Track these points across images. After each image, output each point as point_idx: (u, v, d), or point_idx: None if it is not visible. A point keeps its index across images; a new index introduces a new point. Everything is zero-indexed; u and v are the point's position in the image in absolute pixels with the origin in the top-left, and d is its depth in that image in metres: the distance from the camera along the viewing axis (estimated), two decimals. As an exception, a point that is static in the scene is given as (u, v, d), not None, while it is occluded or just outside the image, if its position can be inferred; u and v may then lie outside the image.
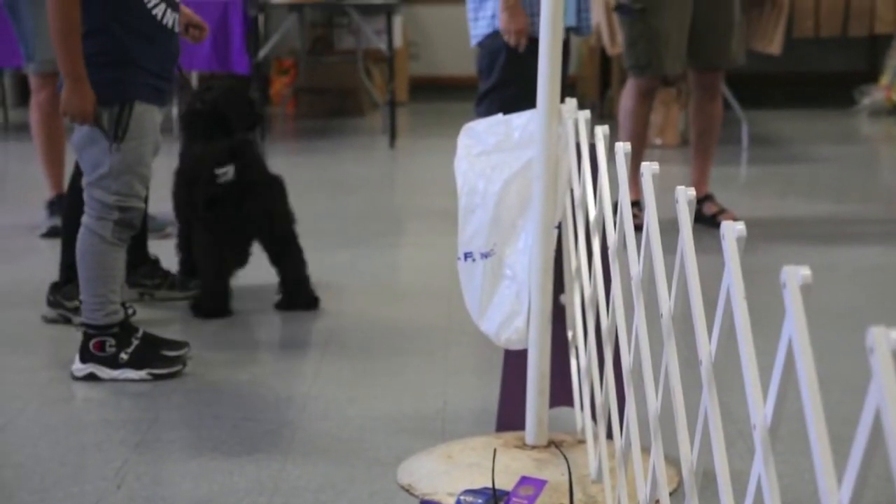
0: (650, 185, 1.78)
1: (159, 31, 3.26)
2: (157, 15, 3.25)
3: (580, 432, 2.62)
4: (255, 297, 4.08)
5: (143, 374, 3.31)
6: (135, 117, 3.22)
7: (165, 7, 3.27)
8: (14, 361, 3.52)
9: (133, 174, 3.25)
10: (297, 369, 3.45)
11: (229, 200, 3.83)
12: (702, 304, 1.49)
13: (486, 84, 4.56)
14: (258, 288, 4.14)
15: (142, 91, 3.24)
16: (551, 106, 2.50)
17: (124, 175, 3.24)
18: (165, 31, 3.28)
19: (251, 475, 2.65)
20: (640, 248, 1.84)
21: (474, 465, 2.53)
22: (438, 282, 4.29)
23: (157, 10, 3.25)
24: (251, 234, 3.95)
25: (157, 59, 3.27)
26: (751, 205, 5.68)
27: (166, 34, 3.28)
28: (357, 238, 5.10)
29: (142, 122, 3.24)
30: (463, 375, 3.37)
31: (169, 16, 3.28)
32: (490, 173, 2.61)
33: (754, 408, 1.25)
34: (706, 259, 1.86)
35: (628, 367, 1.92)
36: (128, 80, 3.21)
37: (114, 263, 3.30)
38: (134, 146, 3.24)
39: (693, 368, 1.63)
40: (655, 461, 1.74)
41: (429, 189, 6.38)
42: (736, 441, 2.72)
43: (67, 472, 2.69)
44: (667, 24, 4.93)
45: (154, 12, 3.25)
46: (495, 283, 2.59)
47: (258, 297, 4.07)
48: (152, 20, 3.24)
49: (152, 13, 3.24)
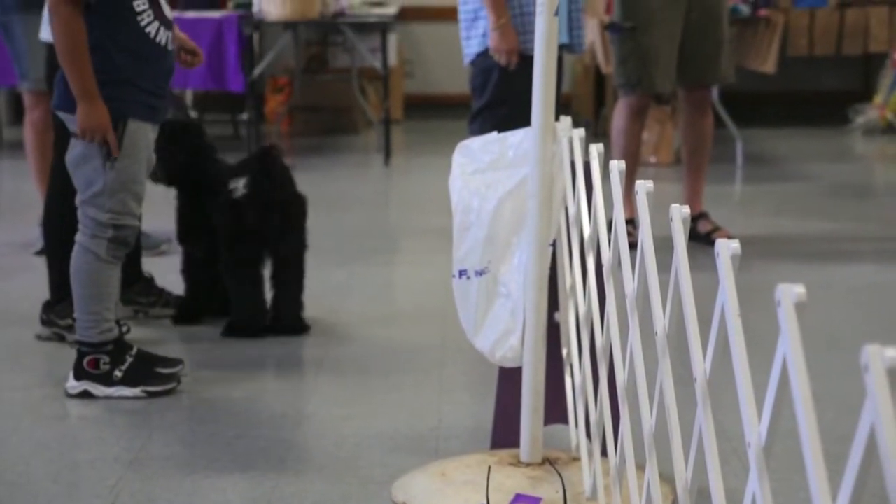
0: (645, 203, 1.78)
1: (152, 49, 3.26)
2: (150, 33, 3.25)
3: (575, 449, 2.62)
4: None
5: (137, 391, 3.31)
6: (128, 135, 3.22)
7: (159, 25, 3.27)
8: (8, 379, 3.52)
9: (127, 192, 3.25)
10: (291, 387, 3.44)
11: (246, 214, 3.82)
12: (696, 322, 1.49)
13: (480, 102, 4.56)
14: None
15: (135, 109, 3.24)
16: (546, 124, 2.50)
17: (119, 193, 3.24)
18: (158, 48, 3.27)
19: (245, 493, 2.65)
20: (634, 265, 1.84)
21: (469, 482, 2.53)
22: (433, 300, 4.29)
23: (150, 28, 3.25)
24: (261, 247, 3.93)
25: (150, 77, 3.27)
26: (745, 223, 5.69)
27: (159, 52, 3.28)
28: (352, 256, 5.10)
29: (135, 139, 3.24)
30: (457, 393, 3.37)
31: (162, 34, 3.28)
32: (485, 191, 2.61)
33: (749, 425, 1.25)
34: (700, 277, 1.86)
35: (623, 384, 1.92)
36: (121, 98, 3.21)
37: (108, 281, 3.30)
38: (127, 164, 3.24)
39: (687, 386, 1.63)
40: (650, 479, 1.74)
41: (423, 207, 6.38)
42: (730, 459, 2.71)
43: (61, 490, 2.68)
44: (657, 42, 4.96)
45: (147, 30, 3.25)
46: (490, 300, 2.59)
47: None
48: (145, 38, 3.24)
49: (145, 31, 3.24)
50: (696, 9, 5.00)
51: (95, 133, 3.17)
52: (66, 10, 3.15)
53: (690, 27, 5.01)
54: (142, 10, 3.23)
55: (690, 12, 5.00)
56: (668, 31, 4.98)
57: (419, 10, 9.18)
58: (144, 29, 3.24)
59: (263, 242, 3.87)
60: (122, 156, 3.22)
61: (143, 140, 3.27)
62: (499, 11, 4.40)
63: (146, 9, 3.24)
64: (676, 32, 4.99)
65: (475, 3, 4.49)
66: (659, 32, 4.96)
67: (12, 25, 4.77)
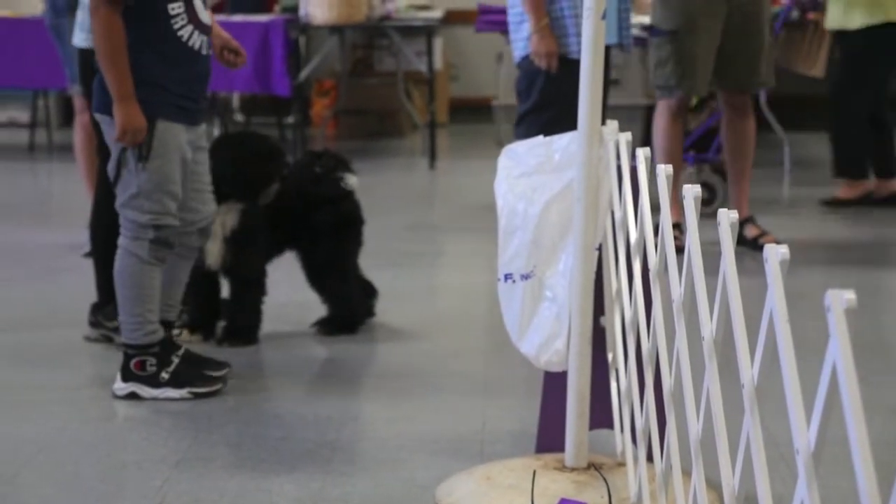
0: (692, 207, 1.77)
1: (185, 52, 3.28)
2: (182, 37, 3.27)
3: (620, 455, 2.61)
4: (289, 318, 4.09)
5: (183, 392, 3.33)
6: (157, 136, 3.25)
7: (193, 29, 3.28)
8: (56, 380, 3.55)
9: (163, 192, 3.28)
10: (336, 390, 3.45)
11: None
12: (744, 327, 1.48)
13: (525, 105, 4.56)
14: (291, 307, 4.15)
15: (164, 110, 3.26)
16: (592, 128, 2.49)
17: (154, 194, 3.26)
18: (192, 52, 3.29)
19: (290, 495, 2.66)
20: (681, 270, 1.83)
21: (513, 486, 2.53)
22: (478, 303, 4.29)
23: (182, 32, 3.27)
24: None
25: (182, 81, 3.29)
26: (793, 227, 5.64)
27: (192, 56, 3.30)
28: (397, 259, 5.11)
29: (165, 140, 3.26)
30: (502, 397, 3.36)
31: (196, 38, 3.29)
32: (531, 195, 2.61)
33: (798, 432, 1.24)
34: (747, 282, 1.85)
35: (669, 389, 1.91)
36: (149, 100, 3.24)
37: (151, 283, 3.32)
38: (159, 164, 3.26)
39: (734, 392, 1.62)
40: (696, 485, 1.73)
41: (469, 210, 6.38)
42: (778, 465, 2.69)
43: (108, 490, 2.70)
44: (696, 46, 4.97)
45: (180, 34, 3.27)
46: (535, 304, 2.59)
47: (292, 318, 4.08)
48: (178, 41, 3.27)
49: (178, 34, 3.26)
50: (736, 14, 4.98)
51: (133, 135, 3.21)
52: (105, 11, 3.19)
53: (731, 32, 5.00)
54: (176, 13, 3.25)
55: (731, 17, 4.99)
56: (708, 35, 4.98)
57: (464, 13, 9.17)
58: (177, 32, 3.26)
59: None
60: (153, 156, 3.25)
61: (174, 141, 3.29)
62: (538, 14, 4.40)
63: (181, 12, 3.26)
64: (716, 37, 4.99)
65: (521, 7, 4.49)
66: (699, 36, 4.96)
67: (62, 29, 4.82)
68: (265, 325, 3.92)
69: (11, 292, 4.62)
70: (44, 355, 3.77)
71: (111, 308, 3.75)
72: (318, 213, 3.95)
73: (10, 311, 4.34)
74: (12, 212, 6.46)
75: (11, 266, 4.98)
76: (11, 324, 4.15)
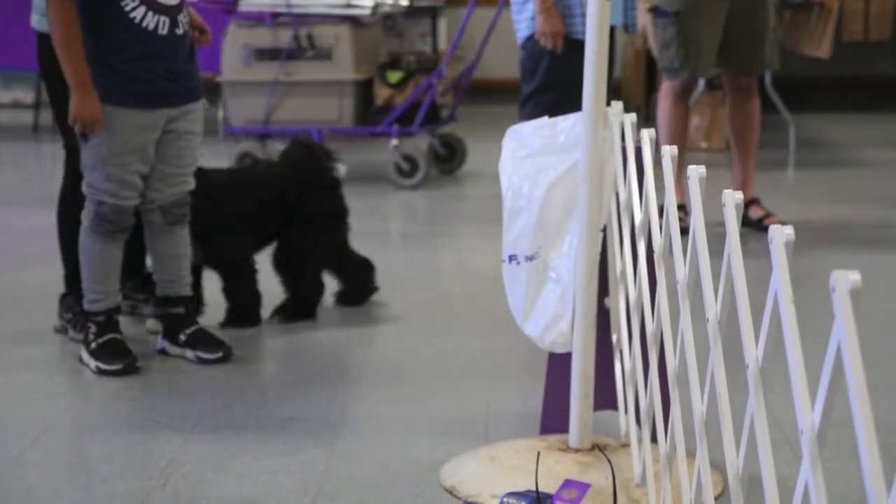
0: (697, 188, 1.77)
1: (138, 34, 3.29)
2: (135, 18, 3.29)
3: (624, 436, 2.61)
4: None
5: (92, 365, 3.39)
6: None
7: (146, 10, 3.29)
8: (61, 361, 3.56)
9: (100, 171, 3.34)
10: (341, 371, 3.46)
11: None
12: (749, 309, 1.48)
13: (530, 87, 4.56)
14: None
15: (108, 94, 3.29)
16: (597, 109, 2.49)
17: (94, 170, 3.36)
18: (145, 33, 3.30)
19: (295, 475, 2.66)
20: (685, 251, 1.83)
21: (518, 467, 2.53)
22: (482, 284, 4.29)
23: (135, 14, 3.29)
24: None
25: (132, 63, 3.31)
26: (797, 209, 5.64)
27: (146, 36, 3.30)
28: (401, 240, 5.11)
29: (107, 123, 3.29)
30: (506, 378, 3.37)
31: (151, 18, 3.30)
32: (535, 176, 2.60)
33: (802, 413, 1.24)
34: (752, 263, 1.84)
35: (674, 371, 1.91)
36: (94, 82, 3.27)
37: (94, 253, 3.41)
38: (96, 143, 3.32)
39: (738, 373, 1.62)
40: (701, 466, 1.73)
41: (473, 191, 6.38)
42: (782, 447, 2.70)
43: (113, 471, 2.71)
44: (700, 28, 4.96)
45: (132, 16, 3.28)
46: (539, 286, 2.59)
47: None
48: (129, 23, 3.28)
49: (129, 16, 3.28)
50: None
51: (86, 123, 3.27)
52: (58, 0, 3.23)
53: (735, 13, 5.00)
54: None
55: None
56: (712, 17, 4.97)
57: (469, -6, 9.15)
58: (129, 14, 3.28)
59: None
60: (92, 136, 3.31)
61: (121, 124, 3.32)
62: None
63: None
64: (720, 19, 4.99)
65: (525, -13, 4.48)
66: (703, 18, 4.96)
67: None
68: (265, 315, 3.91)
69: (17, 274, 4.62)
70: (49, 336, 3.78)
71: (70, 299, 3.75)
72: (311, 202, 3.93)
73: (14, 292, 4.34)
74: (17, 193, 6.46)
75: (16, 247, 4.98)
76: (18, 305, 4.16)
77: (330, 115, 6.53)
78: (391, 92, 6.63)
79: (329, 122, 6.52)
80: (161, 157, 3.42)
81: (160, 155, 3.41)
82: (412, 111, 6.46)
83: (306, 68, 6.50)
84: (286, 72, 6.45)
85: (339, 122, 6.55)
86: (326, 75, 6.52)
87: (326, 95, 6.52)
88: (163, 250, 3.51)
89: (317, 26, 6.50)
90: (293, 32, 6.47)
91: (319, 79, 6.50)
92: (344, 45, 6.49)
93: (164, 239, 3.50)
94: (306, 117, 6.41)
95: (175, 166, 3.45)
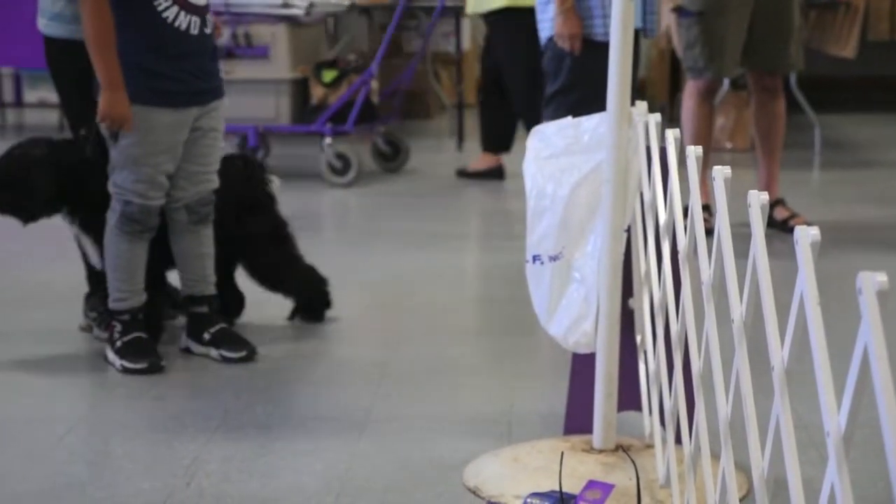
0: (722, 189, 1.76)
1: (170, 34, 3.32)
2: (167, 18, 3.31)
3: (648, 437, 2.61)
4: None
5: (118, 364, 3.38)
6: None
7: (178, 10, 3.32)
8: (86, 359, 3.57)
9: (130, 171, 3.35)
10: (364, 370, 3.46)
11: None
12: (774, 309, 1.47)
13: (553, 87, 4.55)
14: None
15: (141, 94, 3.31)
16: (621, 109, 2.48)
17: (122, 170, 3.37)
18: (177, 33, 3.32)
19: (318, 475, 2.67)
20: (710, 252, 1.82)
21: (541, 468, 2.53)
22: (505, 284, 4.29)
23: (167, 14, 3.31)
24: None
25: (164, 63, 3.33)
26: (823, 210, 5.61)
27: (178, 37, 3.33)
28: (424, 240, 5.11)
29: (135, 123, 3.31)
30: (530, 378, 3.36)
31: (183, 18, 3.33)
32: (559, 176, 2.60)
33: (828, 415, 1.24)
34: (777, 264, 1.84)
35: (698, 371, 1.91)
36: (126, 82, 3.29)
37: (119, 252, 3.41)
38: (128, 144, 3.34)
39: (763, 375, 1.61)
40: (725, 467, 1.72)
41: (497, 191, 6.38)
42: (807, 448, 2.68)
43: (138, 469, 2.72)
44: (725, 28, 4.95)
45: (165, 15, 3.31)
46: (563, 286, 2.58)
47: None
48: (161, 24, 3.31)
49: (162, 16, 3.30)
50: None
51: (115, 122, 3.29)
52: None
53: (760, 13, 4.98)
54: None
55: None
56: (737, 16, 4.96)
57: (493, -6, 9.13)
58: (161, 14, 3.30)
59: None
60: (122, 136, 3.33)
61: (154, 124, 3.34)
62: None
63: None
64: (745, 18, 4.97)
65: (548, -13, 4.47)
66: (727, 18, 4.94)
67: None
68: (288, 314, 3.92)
69: (42, 272, 4.65)
70: (74, 335, 3.79)
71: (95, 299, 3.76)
72: (252, 221, 3.73)
73: (39, 290, 4.36)
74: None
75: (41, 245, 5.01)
76: (43, 303, 4.18)
77: (267, 114, 6.62)
78: (325, 91, 6.73)
79: (266, 119, 6.63)
80: (186, 156, 3.43)
81: (186, 153, 3.43)
82: (346, 110, 6.54)
83: (243, 67, 6.56)
84: (224, 70, 6.52)
85: (276, 120, 6.65)
86: (263, 74, 6.61)
87: (263, 94, 6.60)
88: (187, 249, 3.52)
89: (254, 25, 6.59)
90: (231, 31, 6.55)
91: (256, 77, 6.57)
92: (281, 43, 6.59)
93: (188, 238, 3.51)
94: (243, 115, 6.42)
95: (200, 164, 3.47)
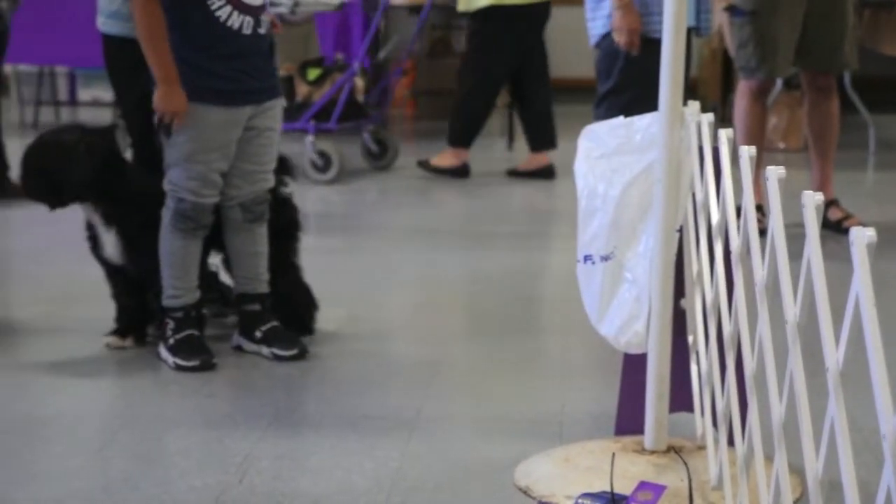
0: (776, 189, 1.75)
1: (223, 33, 3.34)
2: (220, 17, 3.34)
3: (700, 438, 2.59)
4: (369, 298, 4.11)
5: (170, 361, 3.42)
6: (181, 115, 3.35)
7: (232, 9, 3.34)
8: (139, 356, 3.60)
9: (183, 168, 3.39)
10: (415, 370, 3.47)
11: None
12: (829, 310, 1.46)
13: (605, 86, 4.54)
14: (374, 288, 4.17)
15: (193, 91, 3.34)
16: (674, 108, 2.47)
17: (176, 168, 3.40)
18: (230, 32, 3.35)
19: (369, 474, 2.68)
20: (763, 252, 1.81)
21: (592, 468, 2.52)
22: (557, 284, 4.28)
23: (220, 13, 3.34)
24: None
25: (217, 62, 3.36)
26: (877, 211, 5.56)
27: (231, 36, 3.36)
28: (476, 240, 5.11)
29: (188, 120, 3.34)
30: (581, 379, 3.36)
31: (236, 18, 3.35)
32: (611, 176, 2.59)
33: (884, 417, 1.23)
34: (831, 265, 1.82)
35: (751, 373, 1.89)
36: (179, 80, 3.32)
37: (173, 249, 3.44)
38: (181, 141, 3.37)
39: (817, 376, 1.60)
40: (779, 469, 1.71)
41: (548, 191, 6.37)
42: (862, 451, 2.66)
43: (191, 466, 2.74)
44: (777, 27, 4.89)
45: (217, 14, 3.34)
46: (615, 286, 2.58)
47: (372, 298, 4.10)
48: (215, 23, 3.33)
49: (215, 15, 3.33)
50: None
51: (169, 115, 3.33)
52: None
53: (813, 13, 4.92)
54: None
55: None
56: (790, 16, 4.90)
57: (543, -7, 9.13)
58: (214, 13, 3.33)
59: None
60: (176, 133, 3.36)
61: (206, 121, 3.36)
62: None
63: None
64: (798, 18, 4.92)
65: (601, -17, 4.47)
66: (780, 18, 4.89)
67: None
68: (340, 313, 3.93)
69: (96, 267, 4.68)
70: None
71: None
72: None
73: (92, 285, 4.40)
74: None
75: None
76: (96, 298, 4.22)
77: None
78: (309, 89, 6.78)
79: None
80: (241, 155, 3.45)
81: (241, 152, 3.45)
82: (330, 108, 6.59)
83: None
84: None
85: None
86: None
87: None
88: (241, 247, 3.54)
89: None
90: None
91: None
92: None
93: (242, 236, 3.53)
94: None
95: (255, 163, 3.49)
